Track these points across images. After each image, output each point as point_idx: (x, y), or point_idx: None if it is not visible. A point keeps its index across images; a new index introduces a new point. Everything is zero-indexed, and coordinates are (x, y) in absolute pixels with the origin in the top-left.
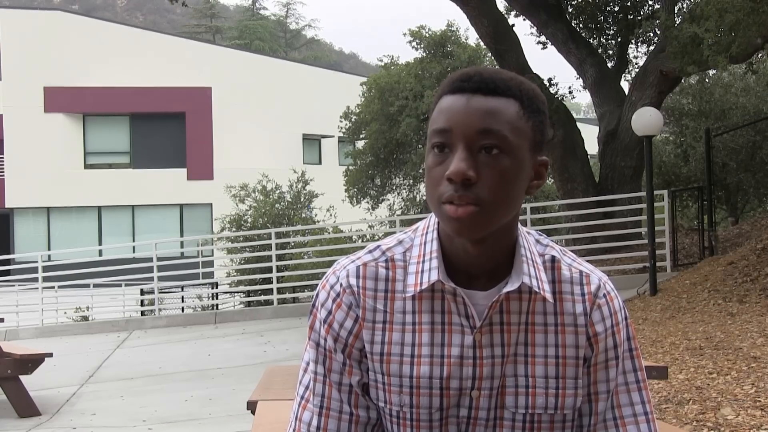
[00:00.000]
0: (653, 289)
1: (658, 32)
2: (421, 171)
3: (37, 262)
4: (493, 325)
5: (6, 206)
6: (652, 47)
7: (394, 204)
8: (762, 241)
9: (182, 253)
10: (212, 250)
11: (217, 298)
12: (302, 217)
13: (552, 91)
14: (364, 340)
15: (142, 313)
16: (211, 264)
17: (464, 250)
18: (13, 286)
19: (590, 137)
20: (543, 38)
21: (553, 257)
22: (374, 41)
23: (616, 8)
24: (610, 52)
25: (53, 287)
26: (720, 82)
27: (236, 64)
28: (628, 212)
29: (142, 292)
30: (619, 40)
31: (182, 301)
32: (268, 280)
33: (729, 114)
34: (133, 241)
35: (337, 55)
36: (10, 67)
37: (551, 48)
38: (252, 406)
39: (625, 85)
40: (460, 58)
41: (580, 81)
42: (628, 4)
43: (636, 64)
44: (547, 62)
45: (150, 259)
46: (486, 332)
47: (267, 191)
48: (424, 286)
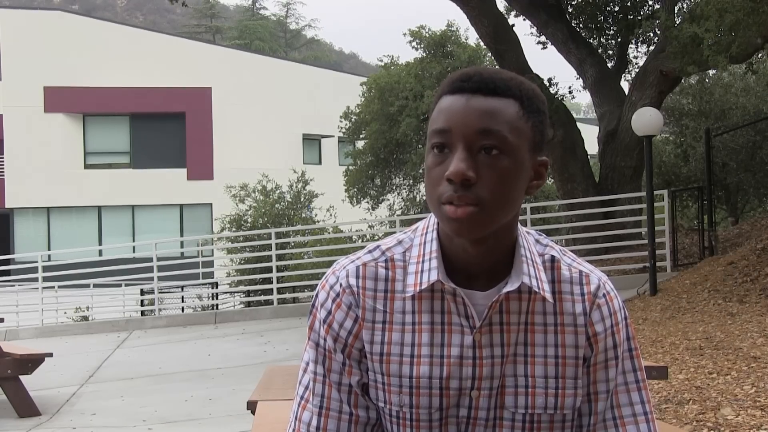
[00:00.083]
0: (653, 289)
1: (658, 32)
2: (421, 171)
3: (37, 262)
4: (493, 325)
5: (6, 206)
6: (652, 47)
7: (394, 204)
8: (762, 241)
9: (182, 253)
10: (212, 250)
11: (217, 298)
12: (302, 217)
13: (552, 91)
14: (363, 340)
15: (142, 313)
16: (211, 264)
17: (464, 250)
18: (13, 286)
19: (590, 137)
20: (543, 38)
21: (552, 257)
22: (374, 41)
23: (616, 8)
24: (610, 52)
25: (53, 287)
26: (720, 82)
27: (236, 64)
28: (628, 212)
29: (142, 292)
30: (619, 40)
31: (182, 301)
32: (268, 280)
33: (729, 114)
34: (133, 241)
35: (337, 55)
36: (10, 67)
37: (551, 48)
38: (252, 406)
39: (625, 85)
40: (460, 58)
41: (580, 81)
42: (628, 4)
43: (636, 64)
44: (547, 62)
45: (150, 259)
46: (486, 332)
47: (267, 191)
48: (424, 286)
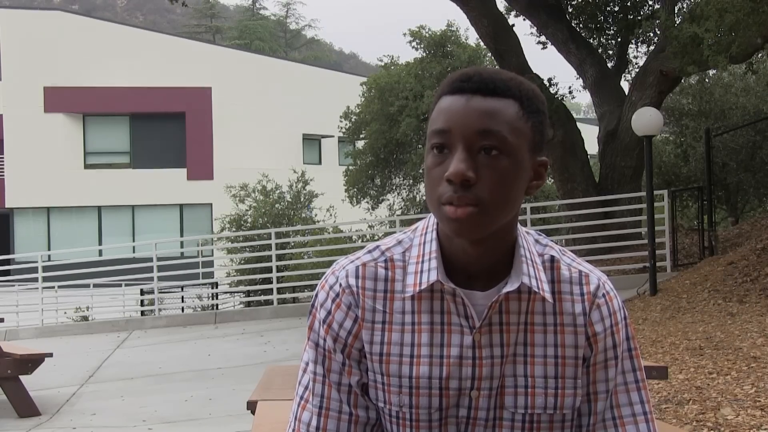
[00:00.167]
0: (653, 289)
1: (658, 32)
2: (421, 171)
3: (37, 262)
4: (493, 326)
5: (6, 206)
6: (652, 47)
7: (393, 204)
8: (762, 241)
9: (182, 253)
10: (212, 250)
11: (217, 298)
12: (302, 217)
13: (552, 91)
14: (363, 341)
15: (142, 313)
16: (211, 264)
17: (463, 250)
18: (13, 286)
19: (590, 137)
20: (543, 38)
21: (552, 257)
22: (374, 41)
23: (616, 8)
24: (610, 52)
25: (53, 287)
26: (720, 82)
27: (236, 64)
28: (628, 212)
29: (142, 292)
30: (619, 40)
31: (182, 301)
32: (268, 280)
33: (729, 114)
34: (133, 241)
35: (337, 55)
36: (10, 67)
37: (551, 48)
38: (252, 406)
39: (625, 85)
40: (460, 58)
41: (580, 81)
42: (628, 4)
43: (636, 64)
44: (547, 62)
45: (150, 259)
46: (485, 332)
47: (267, 191)
48: (424, 286)
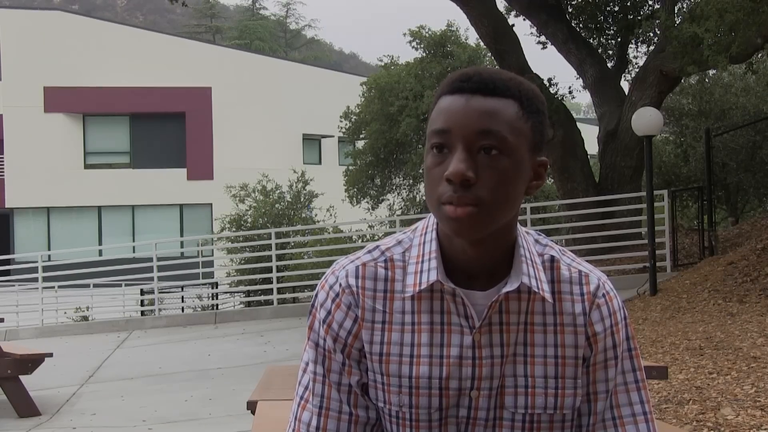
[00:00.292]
0: (653, 289)
1: (658, 32)
2: (421, 171)
3: (37, 262)
4: (493, 325)
5: (6, 206)
6: (652, 47)
7: (394, 204)
8: (762, 241)
9: (182, 253)
10: (212, 250)
11: (217, 298)
12: (302, 217)
13: (552, 91)
14: (363, 341)
15: (142, 313)
16: (211, 264)
17: (463, 250)
18: (13, 286)
19: (590, 137)
20: (543, 38)
21: (552, 257)
22: (374, 41)
23: (616, 8)
24: (610, 52)
25: (53, 287)
26: (720, 82)
27: (236, 64)
28: (628, 212)
29: (142, 292)
30: (619, 40)
31: (182, 301)
32: (268, 280)
33: (729, 114)
34: (133, 241)
35: (337, 55)
36: (10, 67)
37: (551, 48)
38: (252, 406)
39: (625, 85)
40: (460, 58)
41: (580, 81)
42: (628, 4)
43: (636, 64)
44: (547, 62)
45: (150, 259)
46: (485, 332)
47: (267, 191)
48: (423, 286)
